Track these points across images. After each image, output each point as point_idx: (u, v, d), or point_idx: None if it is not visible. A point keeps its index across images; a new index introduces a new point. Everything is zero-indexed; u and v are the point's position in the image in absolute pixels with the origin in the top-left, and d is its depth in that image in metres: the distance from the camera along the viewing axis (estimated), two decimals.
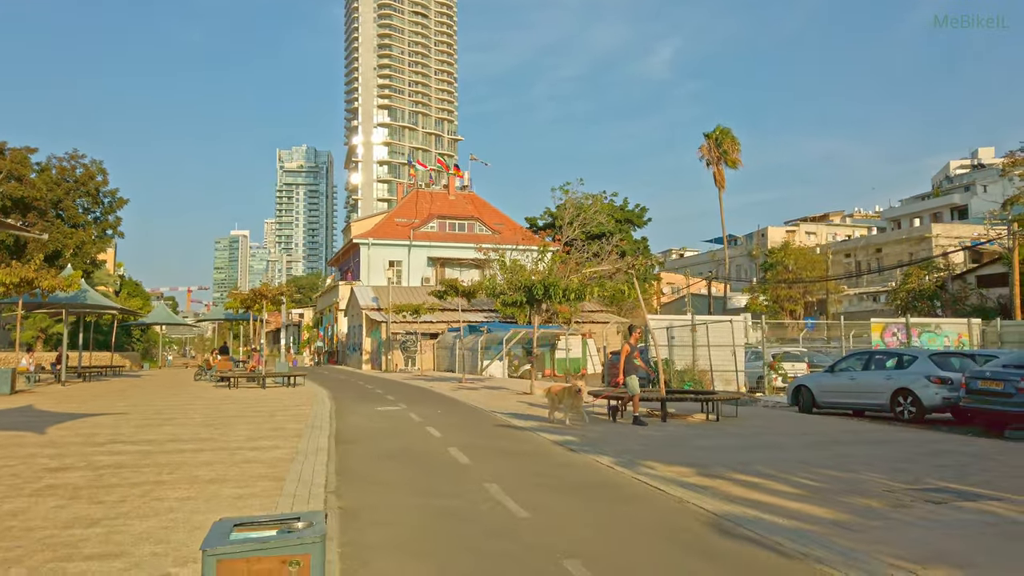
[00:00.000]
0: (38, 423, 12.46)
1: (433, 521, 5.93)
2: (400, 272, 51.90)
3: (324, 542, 2.67)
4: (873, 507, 6.25)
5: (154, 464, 8.28)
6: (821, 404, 15.11)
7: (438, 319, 38.03)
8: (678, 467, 8.19)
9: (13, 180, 41.58)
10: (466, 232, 54.71)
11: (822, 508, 6.20)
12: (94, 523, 5.55)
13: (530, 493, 6.91)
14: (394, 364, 37.94)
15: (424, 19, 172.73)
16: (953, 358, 13.47)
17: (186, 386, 24.47)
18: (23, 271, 19.83)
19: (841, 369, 15.03)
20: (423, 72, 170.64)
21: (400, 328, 37.72)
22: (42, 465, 8.20)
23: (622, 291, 54.61)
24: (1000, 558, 4.80)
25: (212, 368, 27.25)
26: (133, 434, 11.03)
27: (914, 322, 23.75)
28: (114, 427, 11.94)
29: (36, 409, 15.27)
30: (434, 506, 6.43)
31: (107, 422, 12.71)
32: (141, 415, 14.03)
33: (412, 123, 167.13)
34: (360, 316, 43.46)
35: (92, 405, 16.29)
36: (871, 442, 10.62)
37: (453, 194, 60.01)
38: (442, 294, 26.94)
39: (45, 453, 9.10)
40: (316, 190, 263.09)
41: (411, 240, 52.45)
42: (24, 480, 7.30)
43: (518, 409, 15.56)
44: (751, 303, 53.96)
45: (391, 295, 39.36)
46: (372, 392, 21.89)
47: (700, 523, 5.78)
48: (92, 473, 7.70)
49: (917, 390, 13.02)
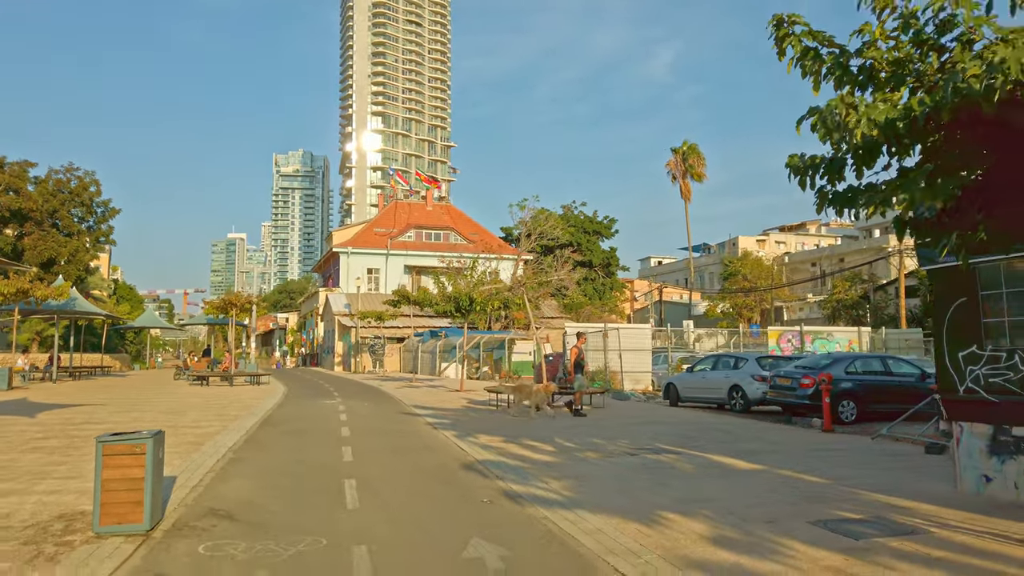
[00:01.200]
0: (30, 411, 15.46)
1: (287, 464, 8.96)
2: (378, 279, 54.89)
3: (155, 442, 5.67)
4: (588, 457, 9.28)
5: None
6: (684, 398, 18.16)
7: (405, 324, 41.07)
8: (496, 438, 11.20)
9: (11, 192, 44.69)
10: (441, 242, 57.76)
11: (551, 458, 9.23)
12: (63, 464, 8.59)
13: (370, 452, 9.94)
14: (362, 366, 40.98)
15: (418, 27, 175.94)
16: (773, 360, 16.52)
17: (164, 384, 27.48)
18: (19, 282, 22.84)
19: (698, 369, 18.10)
20: (417, 79, 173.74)
21: (369, 333, 40.76)
22: (31, 436, 11.22)
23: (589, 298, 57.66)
24: (612, 478, 7.81)
25: (189, 368, 30.21)
26: (104, 418, 14.04)
27: (809, 330, 26.83)
28: (90, 413, 14.96)
29: (29, 401, 18.26)
30: (295, 459, 9.45)
31: (86, 410, 15.73)
32: (116, 406, 17.05)
33: (406, 129, 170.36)
34: (334, 321, 46.50)
35: (77, 398, 19.30)
36: (678, 423, 13.64)
37: (431, 205, 63.08)
38: (396, 303, 29.97)
39: (33, 430, 12.12)
40: (312, 194, 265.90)
41: (388, 249, 55.47)
42: (16, 444, 10.33)
43: (435, 403, 18.58)
44: (709, 311, 57.02)
45: (360, 302, 42.40)
46: (324, 389, 24.92)
47: (459, 465, 8.82)
48: (67, 441, 10.72)
49: (745, 386, 16.08)
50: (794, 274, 70.49)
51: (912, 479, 7.74)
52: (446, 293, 23.09)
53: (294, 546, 5.21)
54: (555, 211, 59.52)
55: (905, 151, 4.64)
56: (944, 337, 7.10)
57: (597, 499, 6.70)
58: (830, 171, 5.08)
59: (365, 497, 6.91)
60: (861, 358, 15.29)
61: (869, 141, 4.59)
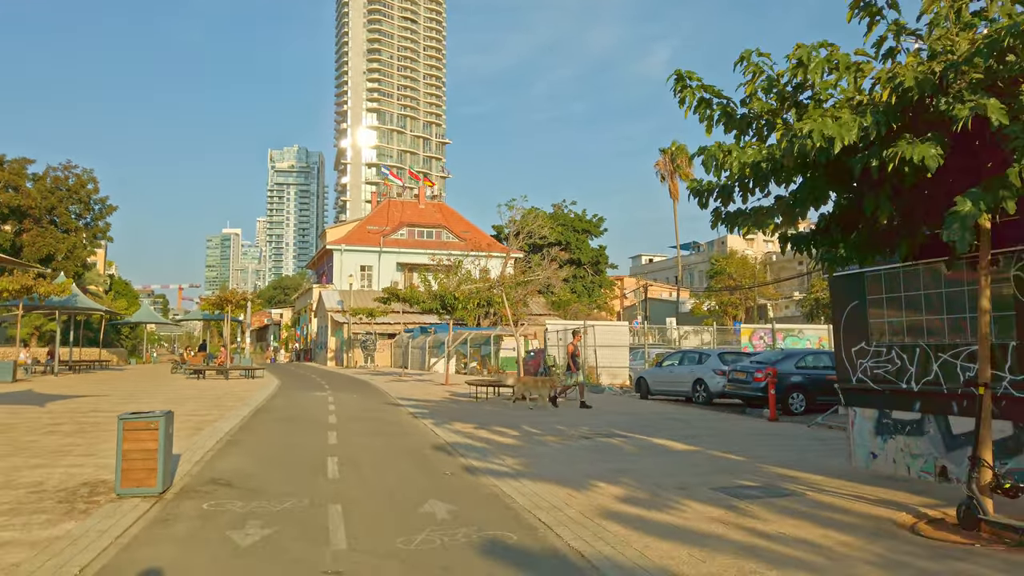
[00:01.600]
0: (39, 400, 16.54)
1: (278, 446, 10.09)
2: (371, 276, 55.95)
3: (167, 420, 6.79)
4: (547, 441, 10.44)
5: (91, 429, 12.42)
6: (654, 392, 19.34)
7: (395, 321, 42.16)
8: (469, 425, 12.35)
9: (10, 190, 45.59)
10: (433, 239, 58.82)
11: (514, 441, 10.39)
12: (79, 445, 9.70)
13: (353, 436, 11.08)
14: (354, 361, 42.09)
15: (414, 24, 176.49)
16: (735, 356, 17.72)
17: (161, 378, 28.55)
18: (24, 279, 23.84)
19: (666, 364, 19.29)
20: (412, 76, 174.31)
21: (361, 329, 41.85)
22: (45, 422, 12.32)
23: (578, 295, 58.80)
24: (562, 456, 8.96)
25: (186, 363, 31.27)
26: (108, 408, 15.13)
27: (781, 327, 28.05)
28: (95, 404, 16.05)
29: (35, 392, 19.31)
30: (285, 442, 10.58)
31: (90, 401, 16.82)
32: (118, 397, 18.14)
33: (401, 126, 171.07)
34: (327, 317, 47.57)
35: (79, 390, 20.37)
36: (641, 414, 14.81)
37: (423, 203, 64.10)
38: (386, 300, 31.09)
39: (46, 417, 13.21)
40: (307, 190, 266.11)
41: (381, 247, 56.50)
42: (35, 428, 11.43)
43: (419, 395, 19.72)
44: (695, 308, 58.27)
45: (353, 299, 43.48)
46: (316, 383, 26.03)
47: (431, 446, 9.96)
48: (78, 426, 11.82)
49: (707, 380, 17.27)
50: (782, 272, 71.84)
51: (818, 457, 8.93)
52: (432, 291, 24.17)
53: (282, 504, 6.35)
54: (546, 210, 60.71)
55: (765, 186, 5.79)
56: (840, 335, 8.29)
57: (542, 471, 7.86)
58: (721, 196, 6.26)
59: (344, 470, 8.06)
60: (813, 354, 16.51)
61: (743, 176, 5.75)
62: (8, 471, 7.72)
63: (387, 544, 5.12)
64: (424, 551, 4.95)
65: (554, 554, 4.93)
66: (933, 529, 5.43)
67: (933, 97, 4.77)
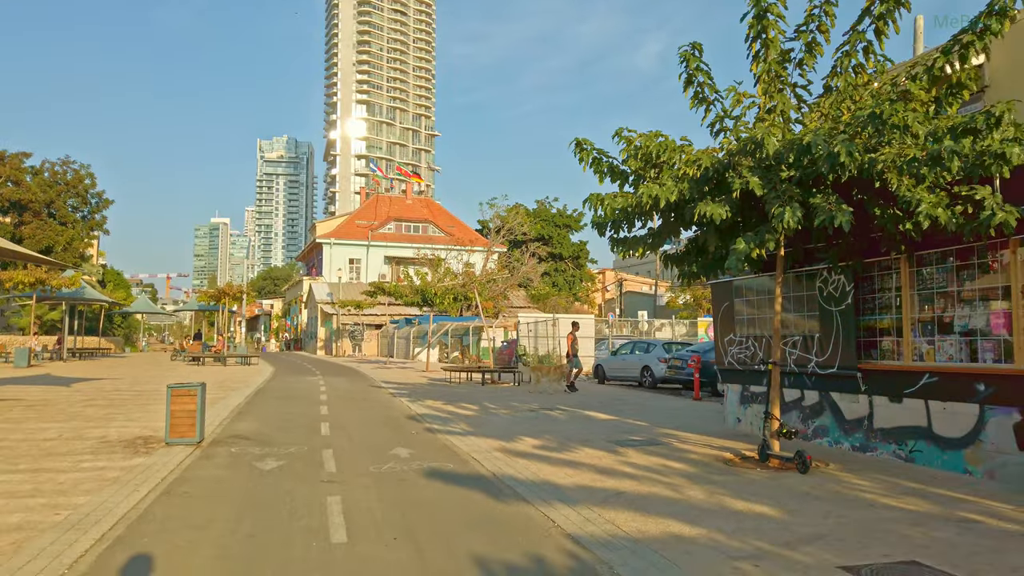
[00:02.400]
0: (62, 382, 18.78)
1: (281, 415, 12.44)
2: (359, 269, 58.14)
3: (202, 389, 9.13)
4: (499, 413, 12.85)
5: (143, 399, 14.75)
6: (609, 377, 21.82)
7: (382, 312, 44.48)
8: (439, 402, 14.75)
9: (11, 184, 47.38)
10: (420, 234, 61.03)
11: (472, 413, 12.79)
12: (119, 414, 12.02)
13: (341, 409, 13.44)
14: (343, 350, 44.39)
15: (403, 16, 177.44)
16: (680, 345, 20.21)
17: (163, 364, 30.75)
18: (38, 272, 25.97)
19: (621, 353, 21.76)
20: (401, 69, 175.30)
21: (349, 320, 44.13)
22: (79, 399, 14.60)
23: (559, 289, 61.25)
24: (506, 423, 11.36)
25: (185, 350, 33.47)
26: (127, 388, 17.42)
27: None
28: (114, 385, 18.32)
29: (53, 375, 21.51)
30: (286, 413, 12.93)
31: (108, 382, 19.08)
32: (131, 380, 20.39)
33: (390, 118, 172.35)
34: (317, 308, 49.80)
35: (94, 374, 22.58)
36: (591, 395, 17.24)
37: (410, 199, 66.27)
38: (373, 293, 33.40)
39: (77, 395, 15.48)
40: (296, 180, 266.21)
41: (369, 240, 58.67)
42: (73, 403, 13.73)
43: (401, 380, 22.09)
44: (670, 301, 60.87)
45: (342, 291, 45.73)
46: (307, 369, 28.36)
47: (404, 416, 12.36)
48: (108, 401, 14.12)
49: (653, 367, 19.75)
50: None
51: (706, 424, 11.40)
52: (414, 286, 26.52)
53: (288, 449, 8.72)
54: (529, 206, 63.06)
55: (632, 224, 8.18)
56: (718, 329, 10.75)
57: (486, 432, 10.27)
58: (614, 227, 8.65)
59: (334, 431, 10.43)
60: None
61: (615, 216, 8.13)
62: (75, 430, 10.04)
63: (363, 469, 7.51)
64: (388, 472, 7.35)
65: (475, 474, 7.34)
66: (741, 461, 7.89)
67: (728, 172, 7.19)
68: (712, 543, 4.84)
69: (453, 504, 6.05)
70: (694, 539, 4.94)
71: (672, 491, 6.46)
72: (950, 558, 4.52)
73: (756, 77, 7.87)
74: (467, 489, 6.62)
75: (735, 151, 7.03)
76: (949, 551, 4.67)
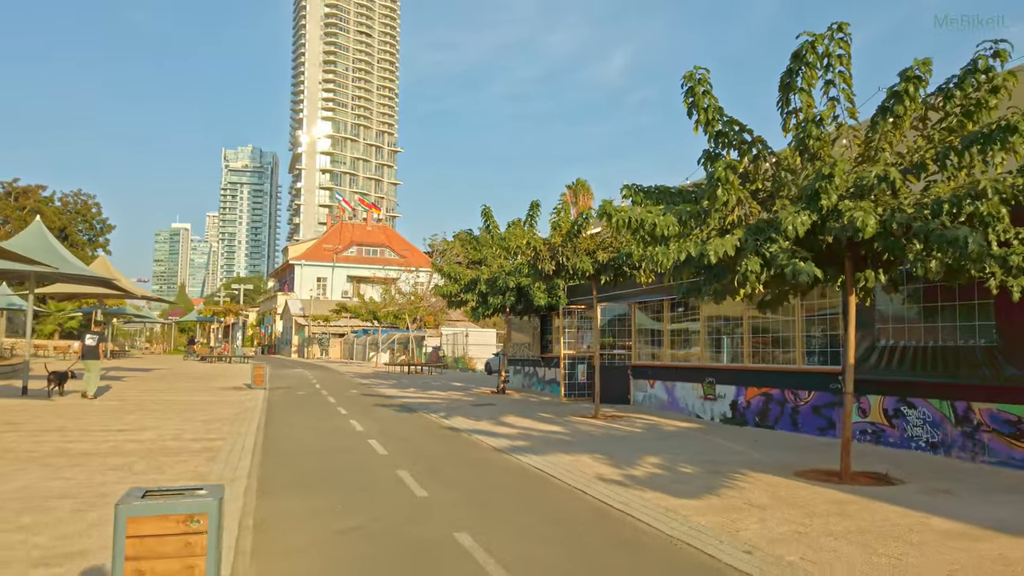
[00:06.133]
0: (144, 370, 29.64)
1: (292, 382, 23.87)
2: (325, 286, 69.02)
3: (266, 367, 20.51)
4: (409, 385, 24.49)
5: (212, 373, 26.00)
6: (493, 371, 33.55)
7: (345, 324, 55.60)
8: (380, 380, 26.26)
9: (37, 214, 57.14)
10: (378, 256, 72.24)
11: (394, 383, 24.40)
12: (211, 378, 23.32)
13: (323, 381, 24.90)
14: (312, 354, 55.36)
15: (368, 38, 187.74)
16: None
17: (178, 362, 41.51)
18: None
19: (496, 355, 33.55)
20: (366, 88, 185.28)
21: (318, 330, 55.19)
22: (162, 376, 25.70)
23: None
24: (412, 386, 22.95)
25: (195, 352, 44.21)
26: (182, 372, 28.48)
27: None
28: (171, 372, 29.36)
29: (123, 367, 32.24)
30: (294, 383, 24.35)
31: (162, 372, 30.10)
32: (174, 372, 31.38)
33: (354, 135, 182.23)
34: (291, 320, 60.67)
35: (142, 366, 33.39)
36: (470, 380, 28.90)
37: (370, 226, 77.45)
38: (338, 311, 44.69)
39: (154, 375, 26.55)
40: (261, 190, 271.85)
41: (334, 262, 69.63)
42: (161, 380, 24.93)
43: (359, 371, 33.49)
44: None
45: (312, 307, 56.78)
46: (291, 365, 39.54)
47: (359, 383, 23.91)
48: (195, 374, 25.28)
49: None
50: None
51: (487, 380, 23.17)
52: (368, 308, 37.96)
53: (306, 392, 20.23)
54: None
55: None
56: (509, 338, 22.62)
57: (402, 390, 21.88)
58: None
59: (323, 387, 21.91)
60: None
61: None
62: (203, 385, 21.32)
63: (343, 397, 19.07)
64: (353, 398, 18.95)
65: (395, 399, 18.95)
66: (495, 392, 19.66)
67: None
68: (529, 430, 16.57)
69: (372, 399, 17.65)
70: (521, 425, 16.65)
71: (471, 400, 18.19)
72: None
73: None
74: (393, 405, 18.26)
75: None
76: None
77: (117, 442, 9.30)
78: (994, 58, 6.73)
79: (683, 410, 14.10)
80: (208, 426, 11.40)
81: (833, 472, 7.58)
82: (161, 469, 7.50)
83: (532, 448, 9.57)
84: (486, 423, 12.63)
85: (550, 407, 15.98)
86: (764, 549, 4.82)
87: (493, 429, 11.76)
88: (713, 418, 13.17)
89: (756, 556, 4.68)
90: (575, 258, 13.68)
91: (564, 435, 10.92)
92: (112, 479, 6.85)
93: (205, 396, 17.32)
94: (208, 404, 15.19)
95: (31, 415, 12.22)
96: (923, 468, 7.99)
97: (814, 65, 6.98)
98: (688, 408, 13.97)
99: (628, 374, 16.33)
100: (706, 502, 6.25)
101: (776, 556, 4.67)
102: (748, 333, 12.63)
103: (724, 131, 7.60)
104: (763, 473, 7.70)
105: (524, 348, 22.33)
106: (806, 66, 6.93)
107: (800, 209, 6.73)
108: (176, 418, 12.46)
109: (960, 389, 8.77)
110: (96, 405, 14.32)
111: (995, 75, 6.81)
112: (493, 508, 6.30)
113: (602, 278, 13.90)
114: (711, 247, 6.81)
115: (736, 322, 12.97)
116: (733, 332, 13.13)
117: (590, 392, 16.47)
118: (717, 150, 7.71)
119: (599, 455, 8.88)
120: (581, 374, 17.46)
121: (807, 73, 6.99)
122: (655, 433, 11.21)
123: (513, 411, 15.01)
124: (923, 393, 9.23)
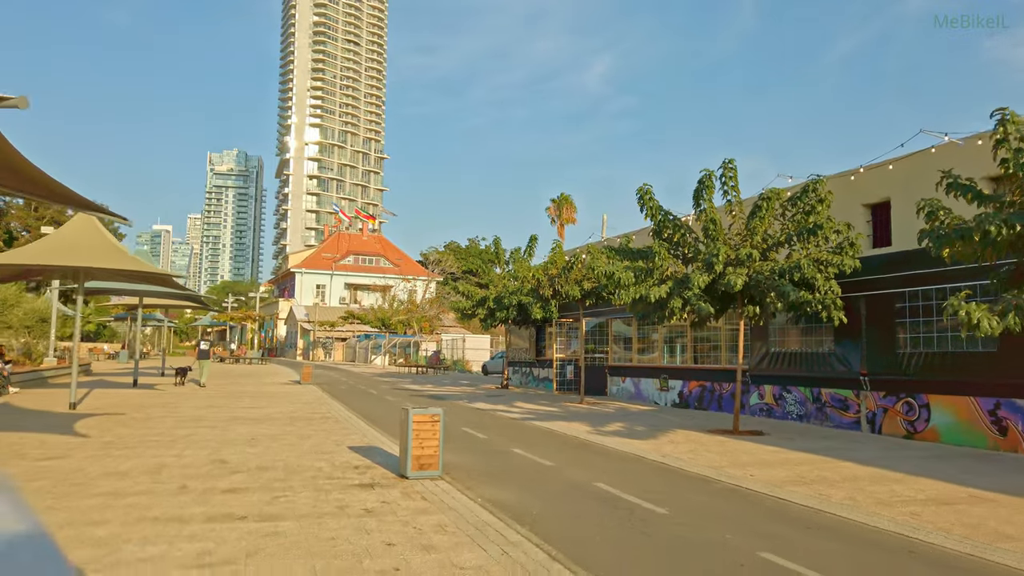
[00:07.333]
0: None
1: (323, 378, 28.49)
2: (324, 293, 73.27)
3: (313, 367, 25.10)
4: (420, 382, 29.21)
5: (261, 372, 30.55)
6: (488, 373, 38.35)
7: (347, 329, 60.05)
8: (392, 379, 30.94)
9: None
10: (374, 265, 76.64)
11: (412, 381, 29.13)
12: (260, 376, 27.92)
13: (345, 377, 29.54)
14: (317, 357, 59.71)
15: (356, 47, 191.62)
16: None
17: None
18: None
19: (496, 359, 38.37)
20: (353, 96, 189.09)
21: (322, 334, 59.57)
22: (230, 370, 30.20)
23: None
24: (429, 383, 27.66)
25: (215, 353, 48.40)
26: (222, 371, 32.93)
27: None
28: (228, 366, 33.80)
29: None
30: (339, 389, 28.95)
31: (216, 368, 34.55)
32: (215, 371, 35.78)
33: (341, 141, 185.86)
34: (296, 325, 64.91)
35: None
36: (467, 380, 33.62)
37: (366, 235, 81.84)
38: (346, 318, 49.21)
39: (221, 368, 31.04)
40: (246, 193, 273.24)
41: (332, 270, 73.93)
42: (234, 372, 29.46)
43: (375, 372, 38.07)
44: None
45: (317, 313, 61.15)
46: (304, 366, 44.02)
47: (377, 377, 28.60)
48: (247, 371, 29.80)
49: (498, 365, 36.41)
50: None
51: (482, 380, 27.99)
52: (377, 315, 42.56)
53: (344, 386, 24.88)
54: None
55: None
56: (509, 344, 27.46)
57: (413, 384, 26.59)
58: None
59: (358, 385, 26.55)
60: None
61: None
62: (258, 380, 25.83)
63: (379, 390, 23.73)
64: (387, 391, 23.64)
65: (420, 392, 23.68)
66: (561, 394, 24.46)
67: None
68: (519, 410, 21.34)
69: (403, 391, 22.37)
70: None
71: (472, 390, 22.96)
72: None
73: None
74: (423, 395, 23.00)
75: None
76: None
77: (265, 413, 13.96)
78: (819, 184, 11.78)
79: (646, 399, 19.01)
80: (309, 407, 16.05)
81: (728, 430, 12.52)
82: (315, 425, 12.20)
83: (540, 418, 14.41)
84: (502, 406, 17.45)
85: (546, 398, 20.84)
86: (670, 455, 9.71)
87: (508, 409, 16.58)
88: (666, 404, 18.10)
89: (665, 457, 9.56)
90: (567, 286, 18.56)
91: (560, 413, 15.76)
92: (307, 431, 11.56)
93: (273, 388, 21.91)
94: (284, 394, 19.80)
95: (167, 399, 16.81)
96: (789, 430, 12.94)
97: (711, 187, 11.98)
98: (649, 397, 18.88)
99: (606, 372, 21.22)
100: (647, 442, 11.12)
101: (675, 456, 9.56)
102: (691, 342, 17.58)
103: (662, 219, 12.56)
104: (685, 431, 12.61)
105: (522, 352, 27.14)
106: (706, 188, 11.93)
107: (702, 272, 11.68)
108: (280, 402, 17.10)
109: (816, 380, 13.76)
110: (210, 392, 18.93)
111: (821, 191, 11.85)
112: (527, 441, 11.13)
113: (587, 301, 18.78)
114: (653, 292, 11.72)
115: (683, 334, 17.92)
116: (681, 341, 18.09)
117: (576, 387, 21.34)
118: (660, 231, 12.66)
119: (584, 423, 13.74)
120: (569, 372, 22.36)
121: (707, 192, 11.98)
122: (623, 413, 16.09)
123: (519, 399, 19.84)
124: (796, 383, 14.22)
